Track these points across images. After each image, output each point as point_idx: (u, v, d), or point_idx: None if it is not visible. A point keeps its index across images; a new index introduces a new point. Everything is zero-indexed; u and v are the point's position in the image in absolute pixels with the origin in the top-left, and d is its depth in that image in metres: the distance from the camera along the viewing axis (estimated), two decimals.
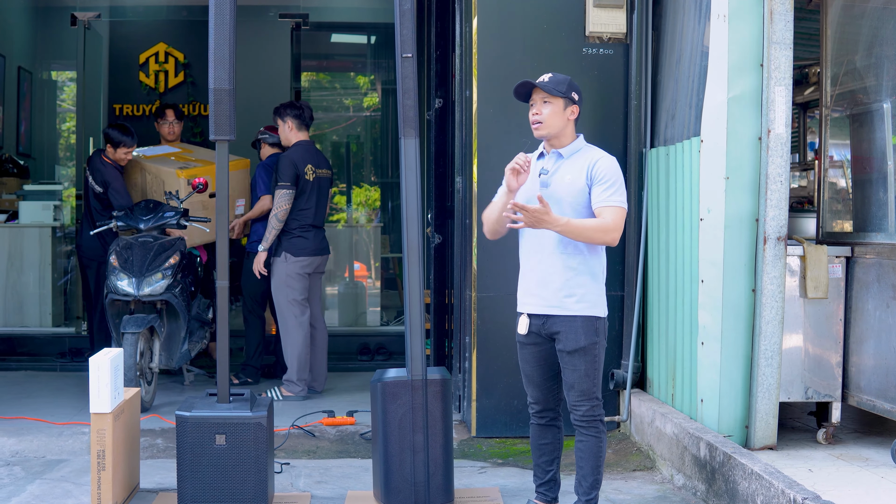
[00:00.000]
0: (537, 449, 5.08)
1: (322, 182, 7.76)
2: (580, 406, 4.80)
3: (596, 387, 4.81)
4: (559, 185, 4.79)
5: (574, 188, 4.76)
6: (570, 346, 4.75)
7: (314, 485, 5.79)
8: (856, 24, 6.28)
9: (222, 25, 5.03)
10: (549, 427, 5.03)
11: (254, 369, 8.27)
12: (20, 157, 11.82)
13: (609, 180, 4.73)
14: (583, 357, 4.76)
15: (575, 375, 4.78)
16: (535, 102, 4.86)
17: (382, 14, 12.03)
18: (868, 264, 5.88)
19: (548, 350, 4.88)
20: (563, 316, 4.77)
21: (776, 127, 5.64)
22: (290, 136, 7.82)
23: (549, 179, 4.82)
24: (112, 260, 7.33)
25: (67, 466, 6.03)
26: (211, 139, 5.05)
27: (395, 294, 11.98)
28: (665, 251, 6.43)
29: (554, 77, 4.85)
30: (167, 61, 12.35)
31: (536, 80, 4.84)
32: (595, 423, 4.82)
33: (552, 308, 4.79)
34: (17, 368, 8.87)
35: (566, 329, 4.76)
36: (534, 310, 4.85)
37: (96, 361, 5.14)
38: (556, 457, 5.07)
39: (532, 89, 4.86)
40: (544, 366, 4.92)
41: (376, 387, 5.16)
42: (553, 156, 4.88)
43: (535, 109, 4.85)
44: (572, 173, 4.78)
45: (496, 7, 6.61)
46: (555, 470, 5.07)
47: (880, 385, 5.75)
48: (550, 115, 4.82)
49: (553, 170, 4.84)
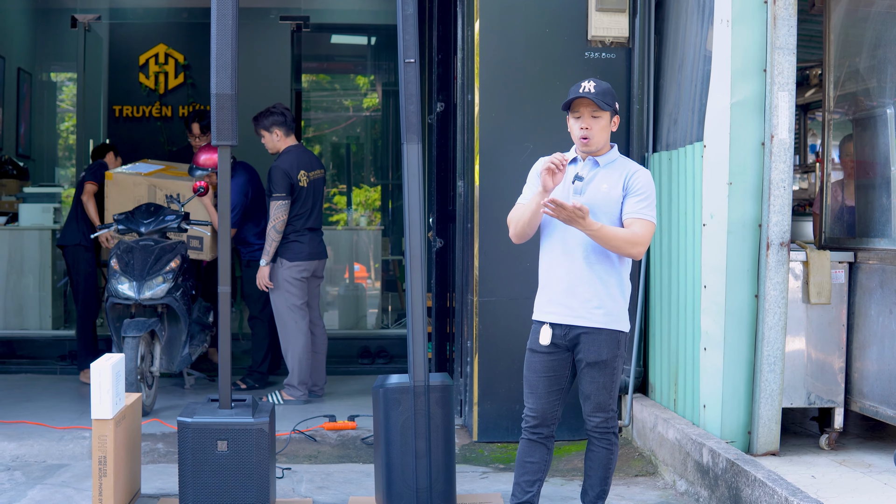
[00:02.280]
0: (521, 465, 4.76)
1: (316, 184, 7.73)
2: (594, 417, 4.70)
3: (612, 399, 4.69)
4: (595, 193, 4.61)
5: (609, 198, 4.60)
6: (591, 357, 4.61)
7: (316, 490, 5.78)
8: (859, 28, 6.27)
9: (225, 30, 5.01)
10: (539, 445, 4.75)
11: (260, 375, 8.25)
12: (20, 159, 11.81)
13: (644, 193, 4.59)
14: (603, 370, 4.62)
15: (593, 387, 4.65)
16: (582, 115, 4.60)
17: (383, 16, 12.03)
18: (871, 270, 5.87)
19: (561, 362, 4.68)
20: (589, 328, 4.61)
21: (779, 132, 5.63)
22: (278, 145, 7.74)
23: (584, 187, 4.64)
24: (113, 263, 7.31)
25: (68, 471, 6.02)
26: (214, 144, 5.04)
27: (396, 296, 11.97)
28: (667, 256, 6.42)
29: (599, 85, 4.59)
30: (167, 63, 12.35)
31: (582, 91, 4.57)
32: (608, 434, 4.72)
33: (578, 318, 4.60)
34: (17, 371, 8.85)
35: (589, 341, 4.60)
36: (559, 319, 4.64)
37: (98, 367, 5.13)
38: (540, 479, 4.76)
39: (573, 99, 4.60)
40: (552, 378, 4.68)
41: (378, 393, 5.15)
42: (589, 163, 4.67)
43: (584, 123, 4.60)
44: (609, 182, 4.62)
45: (498, 11, 6.60)
46: (534, 493, 4.74)
47: (883, 391, 5.74)
48: (600, 129, 4.60)
49: (589, 177, 4.65)
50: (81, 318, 8.50)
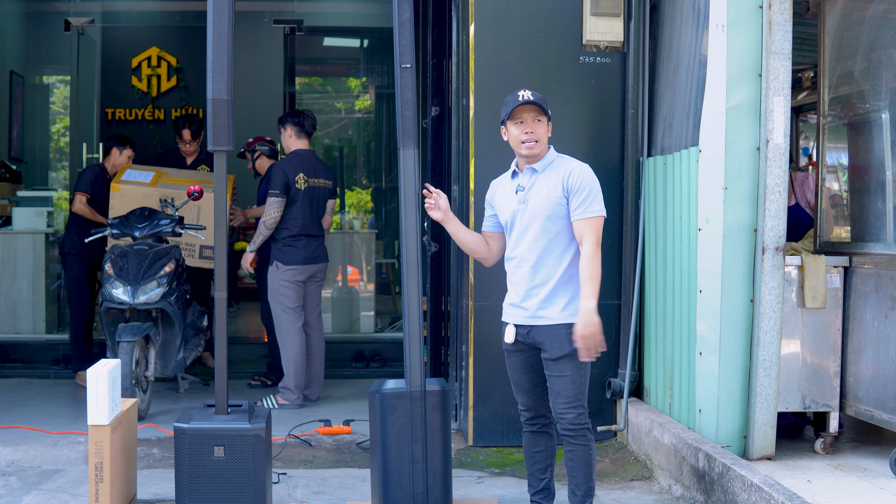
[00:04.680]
0: (530, 457, 5.09)
1: (315, 191, 7.75)
2: (567, 414, 4.80)
3: (582, 394, 4.81)
4: (536, 199, 4.82)
5: (550, 202, 4.78)
6: (554, 353, 4.78)
7: (312, 495, 5.78)
8: (853, 32, 6.28)
9: (221, 34, 4.99)
10: (540, 434, 5.05)
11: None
12: (12, 162, 11.79)
13: (585, 190, 4.76)
14: (568, 363, 4.77)
15: (561, 382, 4.79)
16: (525, 120, 4.81)
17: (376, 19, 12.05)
18: (866, 274, 5.89)
19: (534, 357, 4.91)
20: (546, 325, 4.81)
21: (775, 137, 5.64)
22: (289, 144, 7.90)
23: (526, 196, 4.85)
24: (107, 268, 7.30)
25: (64, 477, 6.01)
26: (209, 150, 5.02)
27: (389, 299, 11.97)
28: (662, 260, 6.42)
29: (536, 94, 4.82)
30: (160, 66, 12.36)
31: (523, 98, 4.79)
32: (583, 430, 4.83)
33: (534, 319, 4.83)
34: (11, 375, 8.83)
35: (549, 338, 4.79)
36: (519, 321, 4.89)
37: (94, 373, 5.11)
38: (550, 464, 5.08)
39: (519, 106, 4.79)
40: (532, 372, 4.95)
41: (375, 398, 5.14)
42: (528, 172, 4.88)
43: (529, 128, 4.80)
44: (547, 187, 4.80)
45: (493, 15, 6.60)
46: (548, 478, 5.07)
47: (878, 395, 5.75)
48: (544, 133, 4.84)
49: (529, 185, 4.86)
50: (74, 322, 8.49)
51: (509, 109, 4.81)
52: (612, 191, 6.52)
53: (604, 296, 4.90)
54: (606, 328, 6.55)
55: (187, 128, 8.73)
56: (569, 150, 5.24)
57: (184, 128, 8.76)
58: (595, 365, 4.95)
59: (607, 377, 6.66)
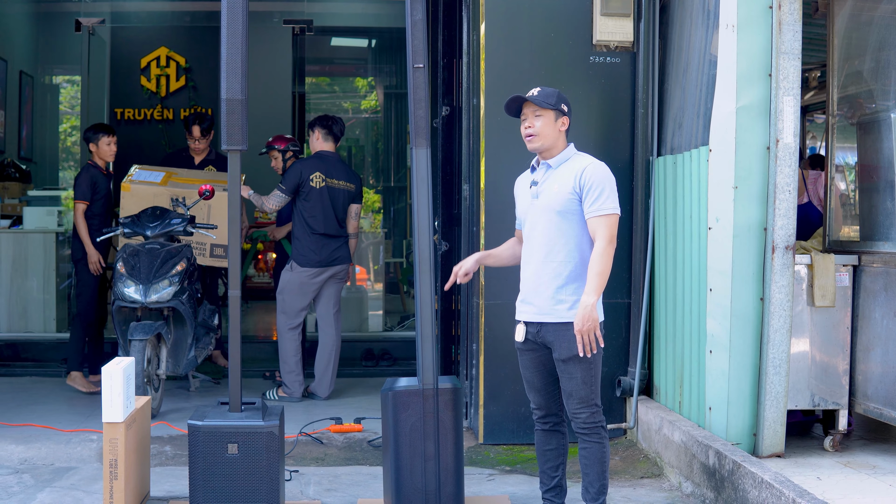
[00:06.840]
0: (542, 455, 5.11)
1: (335, 192, 7.86)
2: (580, 413, 4.83)
3: (594, 394, 4.83)
4: (547, 194, 4.87)
5: (560, 197, 4.82)
6: (564, 353, 4.79)
7: (324, 493, 5.81)
8: (862, 31, 6.30)
9: (235, 36, 5.03)
10: (553, 432, 5.06)
11: None
12: (22, 162, 11.84)
13: (598, 187, 4.79)
14: (578, 364, 4.77)
15: (572, 383, 4.80)
16: (526, 116, 4.92)
17: (385, 19, 12.07)
18: (875, 273, 5.91)
19: (546, 356, 4.93)
20: (556, 323, 4.82)
21: (784, 137, 5.67)
22: (314, 145, 8.08)
23: (538, 191, 4.91)
24: (119, 267, 7.33)
25: (77, 474, 6.04)
26: (223, 149, 5.06)
27: (398, 299, 12.00)
28: (672, 259, 6.45)
29: (543, 90, 4.91)
30: (168, 65, 12.39)
31: (526, 95, 4.91)
32: (597, 429, 4.85)
33: (544, 315, 4.85)
34: (22, 374, 8.88)
35: (559, 337, 4.80)
36: (528, 317, 4.91)
37: (109, 371, 5.15)
38: (562, 462, 5.09)
39: (522, 104, 4.92)
40: (543, 371, 4.96)
41: (388, 396, 5.16)
42: (543, 167, 4.95)
43: (528, 123, 4.91)
44: (559, 182, 4.85)
45: (504, 15, 6.63)
46: (560, 476, 5.09)
47: (888, 393, 5.78)
48: (542, 126, 4.88)
49: (542, 180, 4.91)
50: (76, 324, 8.45)
51: (515, 109, 4.96)
52: (622, 190, 6.45)
53: (614, 294, 4.93)
54: (616, 326, 6.65)
55: (197, 124, 8.77)
56: (579, 149, 5.26)
57: (193, 124, 8.78)
58: (605, 363, 4.99)
59: (617, 375, 6.69)
